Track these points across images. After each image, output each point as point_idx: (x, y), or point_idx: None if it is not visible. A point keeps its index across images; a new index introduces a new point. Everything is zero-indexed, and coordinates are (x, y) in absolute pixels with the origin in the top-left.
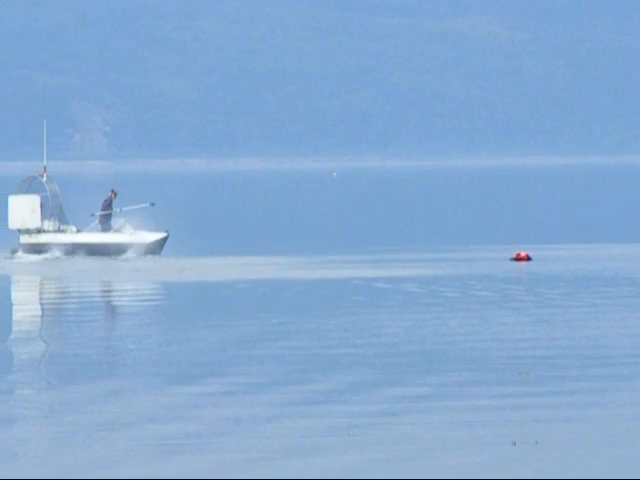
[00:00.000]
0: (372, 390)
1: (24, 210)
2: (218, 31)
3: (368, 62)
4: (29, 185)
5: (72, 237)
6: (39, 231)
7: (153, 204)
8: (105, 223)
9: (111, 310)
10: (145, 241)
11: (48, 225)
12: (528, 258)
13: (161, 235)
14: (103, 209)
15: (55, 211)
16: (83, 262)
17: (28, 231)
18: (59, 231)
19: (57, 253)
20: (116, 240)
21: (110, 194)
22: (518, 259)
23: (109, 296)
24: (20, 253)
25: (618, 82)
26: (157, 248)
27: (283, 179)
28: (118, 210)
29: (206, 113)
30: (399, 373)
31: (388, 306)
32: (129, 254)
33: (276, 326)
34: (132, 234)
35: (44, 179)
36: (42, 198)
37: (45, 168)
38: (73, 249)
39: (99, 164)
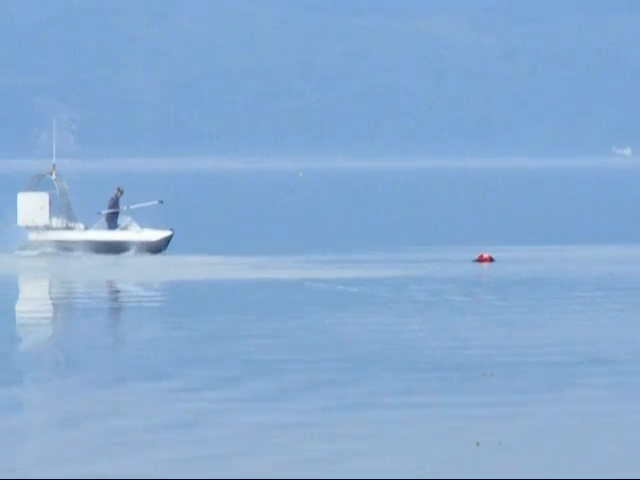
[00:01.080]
0: (334, 389)
1: (33, 207)
2: (185, 29)
3: (337, 61)
4: (37, 182)
5: (79, 234)
6: (47, 228)
7: (161, 202)
8: (111, 221)
9: (109, 307)
10: (151, 239)
11: (56, 222)
12: (491, 259)
13: (166, 233)
14: (110, 207)
15: (64, 209)
16: (89, 259)
17: (37, 228)
18: (67, 228)
19: (64, 250)
20: (122, 238)
21: (116, 192)
22: (481, 260)
23: (111, 293)
24: (28, 250)
25: (586, 82)
26: (162, 246)
27: (250, 178)
28: (125, 208)
29: (173, 112)
30: (360, 374)
31: (350, 308)
32: (134, 252)
33: (238, 325)
34: (138, 232)
35: (53, 177)
36: (51, 196)
37: (54, 166)
38: (80, 246)
39: (66, 162)
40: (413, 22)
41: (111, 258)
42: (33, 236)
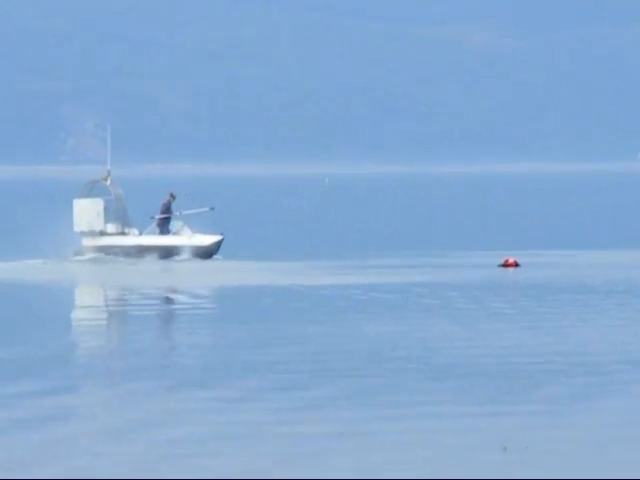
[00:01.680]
0: (364, 398)
1: (89, 213)
2: (207, 36)
3: (360, 68)
4: (91, 189)
5: (133, 240)
6: (102, 234)
7: (213, 208)
8: (163, 226)
9: (161, 313)
10: (202, 244)
11: (111, 228)
12: (516, 264)
13: (217, 238)
14: (162, 212)
15: (119, 214)
16: (142, 265)
17: (92, 234)
18: (122, 234)
19: (118, 255)
20: (175, 243)
21: (169, 197)
22: (506, 265)
23: (163, 299)
24: (83, 256)
25: (610, 87)
26: (214, 251)
27: (275, 184)
28: (178, 214)
29: (199, 119)
30: (388, 381)
31: (375, 313)
32: (187, 257)
33: (260, 333)
34: (190, 237)
35: (108, 182)
36: (105, 201)
37: (109, 172)
38: (134, 251)
39: (92, 168)
40: (436, 28)
41: (164, 263)
42: (88, 242)
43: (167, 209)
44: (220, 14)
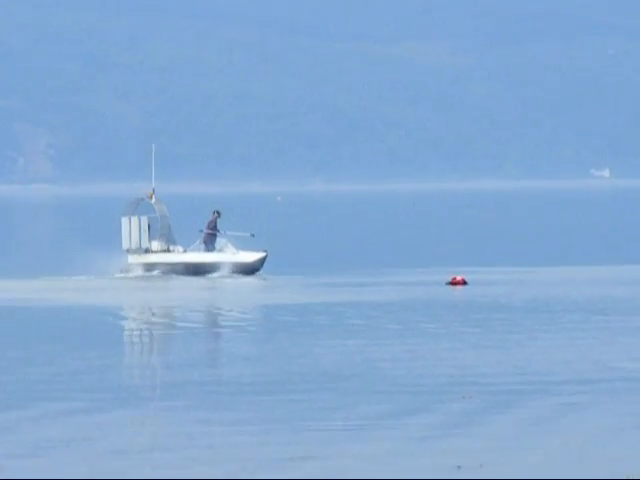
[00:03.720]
0: (314, 417)
1: (134, 231)
2: (164, 54)
3: (314, 86)
4: (136, 206)
5: (178, 257)
6: (147, 251)
7: (253, 235)
8: (209, 243)
9: (205, 329)
10: (246, 260)
11: (156, 245)
12: (464, 282)
13: (261, 255)
14: (207, 229)
15: (163, 232)
16: (187, 281)
17: (137, 251)
18: (166, 251)
19: (163, 272)
20: (218, 259)
21: (214, 215)
22: (454, 283)
23: (206, 315)
24: (129, 273)
25: (564, 104)
26: (258, 267)
27: (229, 202)
28: (223, 233)
29: (151, 136)
30: (338, 399)
31: (325, 331)
32: (230, 273)
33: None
34: (234, 254)
35: (153, 200)
36: (150, 219)
37: (154, 190)
38: (179, 268)
39: (43, 187)
40: (390, 46)
41: (208, 280)
42: (133, 259)
43: (213, 226)
44: (174, 31)
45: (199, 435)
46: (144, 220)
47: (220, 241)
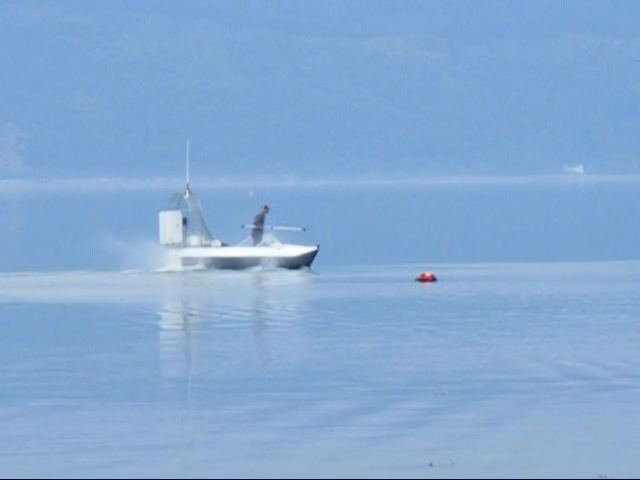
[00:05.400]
0: (285, 412)
1: (170, 226)
2: (134, 49)
3: (285, 81)
4: (178, 202)
5: (216, 251)
6: (186, 246)
7: (304, 229)
8: (257, 238)
9: (247, 325)
10: (290, 255)
11: (194, 240)
12: (433, 279)
13: (309, 249)
14: (255, 224)
15: (197, 226)
16: (224, 276)
17: (176, 245)
18: (203, 245)
19: (201, 266)
20: (259, 254)
21: (262, 210)
22: (423, 280)
23: (247, 311)
24: (169, 267)
25: (537, 100)
26: (302, 262)
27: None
28: (269, 227)
29: (122, 132)
30: (308, 395)
31: (295, 329)
32: (272, 267)
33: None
34: (279, 248)
35: (187, 196)
36: (186, 214)
37: (188, 185)
38: (218, 263)
39: (13, 183)
40: (362, 41)
41: (243, 274)
42: (173, 253)
43: (259, 221)
44: (145, 27)
45: (198, 433)
46: (178, 215)
47: (266, 236)
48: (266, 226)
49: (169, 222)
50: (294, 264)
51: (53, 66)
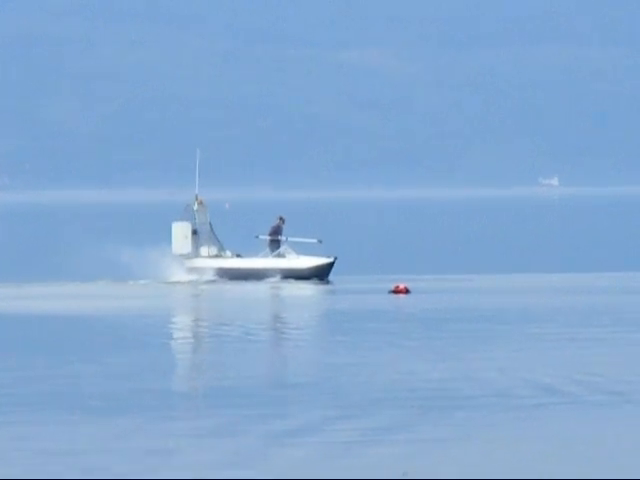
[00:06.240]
0: (260, 423)
1: (179, 237)
2: (117, 60)
3: (264, 92)
4: (188, 212)
5: (227, 262)
6: (197, 256)
7: (321, 241)
8: (274, 249)
9: (260, 336)
10: (300, 266)
11: (204, 251)
12: (407, 290)
13: (322, 261)
14: (270, 234)
15: (207, 237)
16: (231, 287)
17: (186, 256)
18: (212, 256)
19: (210, 277)
20: (271, 265)
21: (278, 221)
22: (396, 292)
23: (261, 322)
24: (179, 277)
25: (512, 112)
26: (319, 274)
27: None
28: (284, 239)
29: (103, 143)
30: (275, 407)
31: (265, 341)
32: (281, 279)
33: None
34: (291, 260)
35: (195, 207)
36: (196, 224)
37: (196, 196)
38: (229, 274)
39: None
40: (340, 52)
41: (256, 285)
42: (184, 264)
43: (275, 231)
44: (128, 36)
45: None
46: (187, 226)
47: (284, 247)
48: (282, 237)
49: (178, 233)
50: (305, 275)
51: (32, 76)
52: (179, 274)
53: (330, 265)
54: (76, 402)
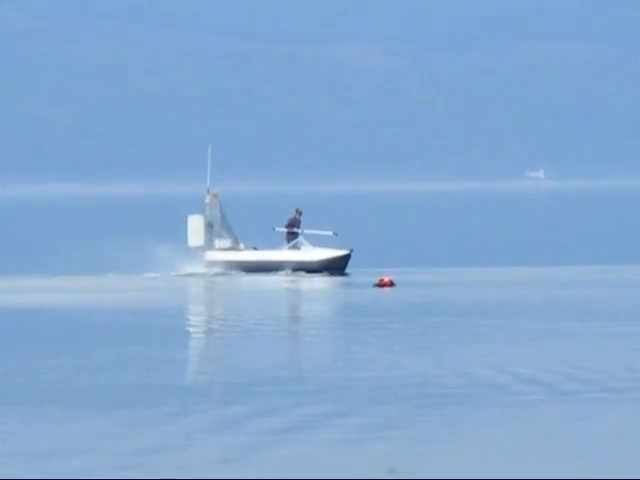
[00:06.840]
0: (247, 420)
1: (193, 229)
2: (95, 55)
3: (246, 87)
4: (204, 205)
5: (241, 254)
6: (211, 249)
7: (336, 234)
8: (290, 242)
9: (276, 329)
10: (313, 259)
11: (219, 243)
12: (391, 283)
13: (336, 253)
14: (286, 227)
15: (216, 229)
16: (252, 279)
17: (202, 249)
18: (225, 249)
19: (223, 269)
20: (285, 258)
21: (295, 214)
22: (381, 285)
23: (275, 315)
24: (196, 269)
25: (497, 105)
26: (333, 266)
27: (161, 204)
28: (300, 231)
29: (82, 138)
30: (266, 403)
31: (256, 334)
32: (292, 271)
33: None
34: (305, 252)
35: (207, 200)
36: (210, 217)
37: (208, 190)
38: (243, 266)
39: None
40: (324, 47)
41: (269, 278)
42: (196, 256)
43: (291, 224)
44: (106, 32)
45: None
46: (200, 219)
47: (299, 239)
48: (297, 230)
49: (192, 226)
50: (316, 268)
51: (13, 72)
52: (192, 266)
53: (345, 257)
54: (86, 397)
